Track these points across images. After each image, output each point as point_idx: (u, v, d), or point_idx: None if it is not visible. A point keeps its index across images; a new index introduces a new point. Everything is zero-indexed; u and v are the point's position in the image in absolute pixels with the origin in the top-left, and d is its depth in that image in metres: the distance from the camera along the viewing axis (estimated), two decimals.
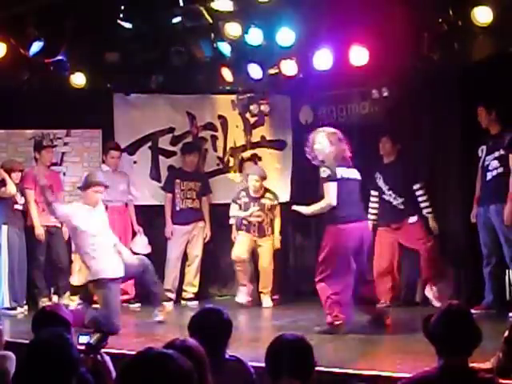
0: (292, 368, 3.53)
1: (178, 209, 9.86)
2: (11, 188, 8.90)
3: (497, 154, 7.75)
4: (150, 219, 10.00)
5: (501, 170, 7.69)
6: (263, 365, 3.65)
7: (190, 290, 9.82)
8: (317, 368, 3.66)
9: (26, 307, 9.13)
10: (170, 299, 9.68)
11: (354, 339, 6.97)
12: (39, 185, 8.86)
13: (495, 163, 7.75)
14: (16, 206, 9.16)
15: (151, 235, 9.85)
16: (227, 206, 9.91)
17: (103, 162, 9.85)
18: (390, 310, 7.82)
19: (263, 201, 9.58)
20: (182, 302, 9.72)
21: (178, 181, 9.91)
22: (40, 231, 9.24)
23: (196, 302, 9.60)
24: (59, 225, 9.45)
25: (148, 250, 9.72)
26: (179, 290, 9.83)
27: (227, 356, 4.04)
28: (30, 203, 9.25)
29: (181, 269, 9.86)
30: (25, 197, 9.26)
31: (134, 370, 2.35)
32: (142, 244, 9.71)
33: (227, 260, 9.97)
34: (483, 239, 7.89)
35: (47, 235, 9.35)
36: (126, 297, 9.60)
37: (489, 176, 7.82)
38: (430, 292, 8.51)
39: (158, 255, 9.79)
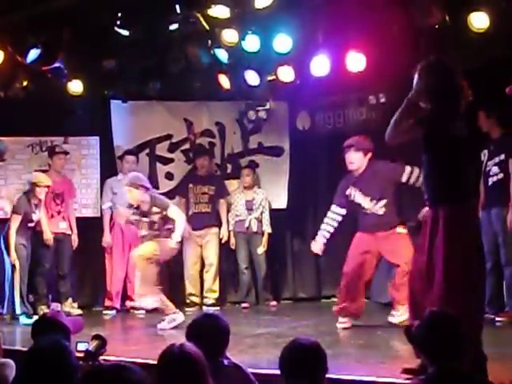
0: (311, 373, 3.56)
1: (190, 213, 9.84)
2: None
3: (497, 159, 7.75)
4: None
5: (501, 175, 7.69)
6: (262, 371, 3.66)
7: (211, 295, 9.81)
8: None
9: None
10: (195, 304, 9.68)
11: (353, 345, 6.98)
12: (50, 191, 8.96)
13: (495, 169, 7.76)
14: (29, 224, 9.16)
15: None
16: None
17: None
18: None
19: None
20: (204, 307, 9.66)
21: (190, 185, 9.93)
22: (49, 236, 9.29)
23: (217, 308, 9.53)
24: (68, 232, 9.50)
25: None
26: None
27: (225, 362, 4.02)
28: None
29: (201, 274, 9.91)
30: None
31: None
32: None
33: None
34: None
35: (55, 242, 9.39)
36: (131, 303, 9.62)
37: (490, 182, 7.82)
38: (393, 317, 7.74)
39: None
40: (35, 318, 8.89)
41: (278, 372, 3.69)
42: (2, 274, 9.17)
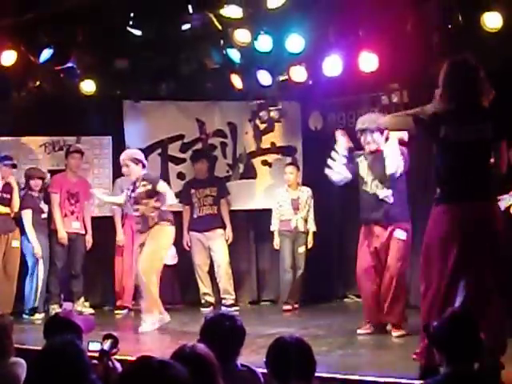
0: (299, 370, 3.54)
1: (195, 216, 9.89)
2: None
3: None
4: None
5: None
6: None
7: (229, 297, 9.79)
8: (327, 375, 3.66)
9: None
10: (210, 304, 9.71)
11: (365, 345, 6.96)
12: (65, 190, 8.95)
13: None
14: (43, 216, 9.28)
15: None
16: (237, 212, 10.05)
17: None
18: None
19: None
20: (223, 308, 9.59)
21: (193, 191, 9.93)
22: (63, 235, 9.35)
23: (236, 309, 9.50)
24: (82, 232, 9.52)
25: (174, 261, 9.69)
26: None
27: (239, 365, 3.93)
28: (54, 207, 9.40)
29: (215, 277, 9.92)
30: (50, 200, 9.40)
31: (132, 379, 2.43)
32: (169, 255, 9.59)
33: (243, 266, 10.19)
34: None
35: (68, 241, 9.45)
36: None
37: None
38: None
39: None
40: (38, 315, 9.01)
41: None
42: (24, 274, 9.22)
